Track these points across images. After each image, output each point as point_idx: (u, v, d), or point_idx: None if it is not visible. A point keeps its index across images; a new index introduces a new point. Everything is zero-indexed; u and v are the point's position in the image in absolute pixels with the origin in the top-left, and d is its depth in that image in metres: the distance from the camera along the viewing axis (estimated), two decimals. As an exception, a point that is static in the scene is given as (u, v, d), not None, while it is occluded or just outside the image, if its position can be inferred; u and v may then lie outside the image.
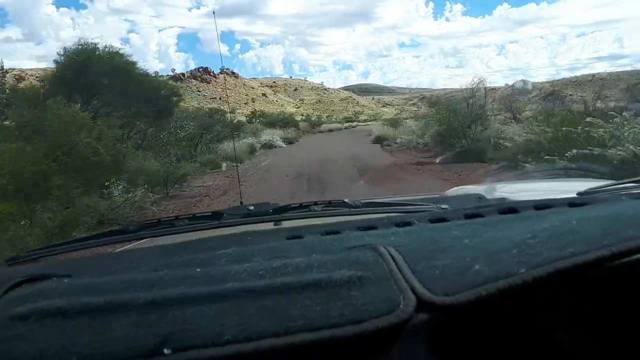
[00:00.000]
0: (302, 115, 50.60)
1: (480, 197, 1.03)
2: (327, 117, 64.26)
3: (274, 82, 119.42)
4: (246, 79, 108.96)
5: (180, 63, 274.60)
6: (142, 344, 0.35)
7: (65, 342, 0.36)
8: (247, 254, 0.51)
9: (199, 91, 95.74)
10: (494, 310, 0.38)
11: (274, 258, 0.49)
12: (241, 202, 1.43)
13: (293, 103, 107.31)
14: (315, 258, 0.47)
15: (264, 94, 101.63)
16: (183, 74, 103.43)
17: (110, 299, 0.40)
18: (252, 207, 0.97)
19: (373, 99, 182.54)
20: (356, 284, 0.41)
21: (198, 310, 0.38)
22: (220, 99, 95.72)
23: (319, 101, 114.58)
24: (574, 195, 0.84)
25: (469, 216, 0.66)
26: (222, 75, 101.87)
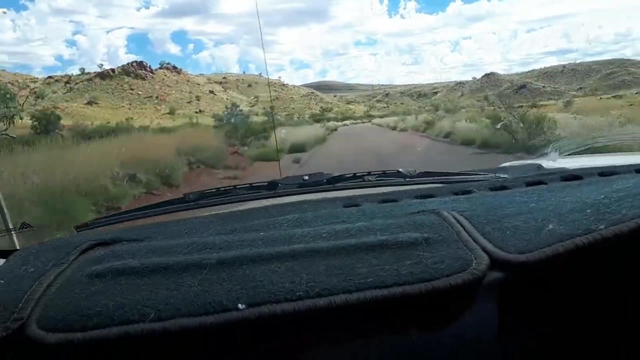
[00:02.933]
0: (255, 108, 35.75)
1: (539, 166, 1.01)
2: (286, 115, 50.53)
3: (224, 77, 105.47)
4: (191, 74, 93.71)
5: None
6: (216, 300, 0.36)
7: (143, 297, 0.37)
8: (307, 220, 0.52)
9: (132, 89, 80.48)
10: (569, 268, 0.37)
11: (334, 223, 0.49)
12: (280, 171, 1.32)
13: (247, 101, 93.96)
14: (376, 222, 0.47)
15: (211, 91, 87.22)
16: (113, 70, 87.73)
17: (181, 259, 0.41)
18: (306, 177, 0.97)
19: (335, 96, 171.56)
20: (423, 244, 0.40)
21: (268, 268, 0.38)
22: (157, 97, 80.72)
23: (277, 98, 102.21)
24: None
25: (530, 184, 0.64)
26: (162, 70, 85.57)
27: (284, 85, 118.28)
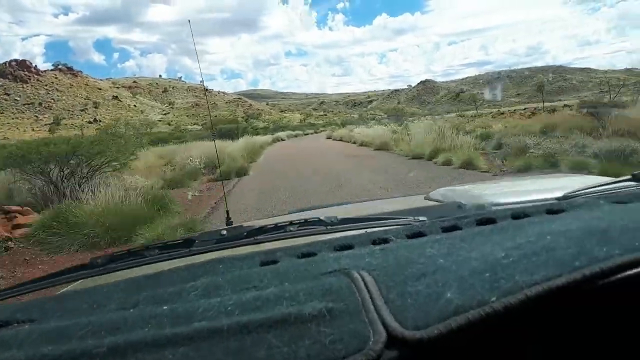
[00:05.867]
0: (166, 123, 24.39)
1: (459, 206, 1.04)
2: (203, 125, 38.90)
3: (134, 81, 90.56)
4: (92, 78, 77.94)
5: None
6: None
7: None
8: (217, 285, 0.51)
9: (7, 94, 63.88)
10: (466, 339, 0.37)
11: (244, 290, 0.49)
12: (227, 214, 1.64)
13: (160, 108, 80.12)
14: (287, 288, 0.47)
15: (115, 97, 72.57)
16: (-17, 70, 69.90)
17: (71, 348, 0.39)
18: (224, 232, 0.95)
19: (267, 103, 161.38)
20: (326, 317, 0.40)
21: (162, 356, 0.37)
22: (41, 104, 64.66)
23: (197, 105, 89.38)
24: (559, 194, 0.89)
25: (446, 229, 0.67)
26: (53, 72, 68.97)
27: (207, 90, 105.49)
